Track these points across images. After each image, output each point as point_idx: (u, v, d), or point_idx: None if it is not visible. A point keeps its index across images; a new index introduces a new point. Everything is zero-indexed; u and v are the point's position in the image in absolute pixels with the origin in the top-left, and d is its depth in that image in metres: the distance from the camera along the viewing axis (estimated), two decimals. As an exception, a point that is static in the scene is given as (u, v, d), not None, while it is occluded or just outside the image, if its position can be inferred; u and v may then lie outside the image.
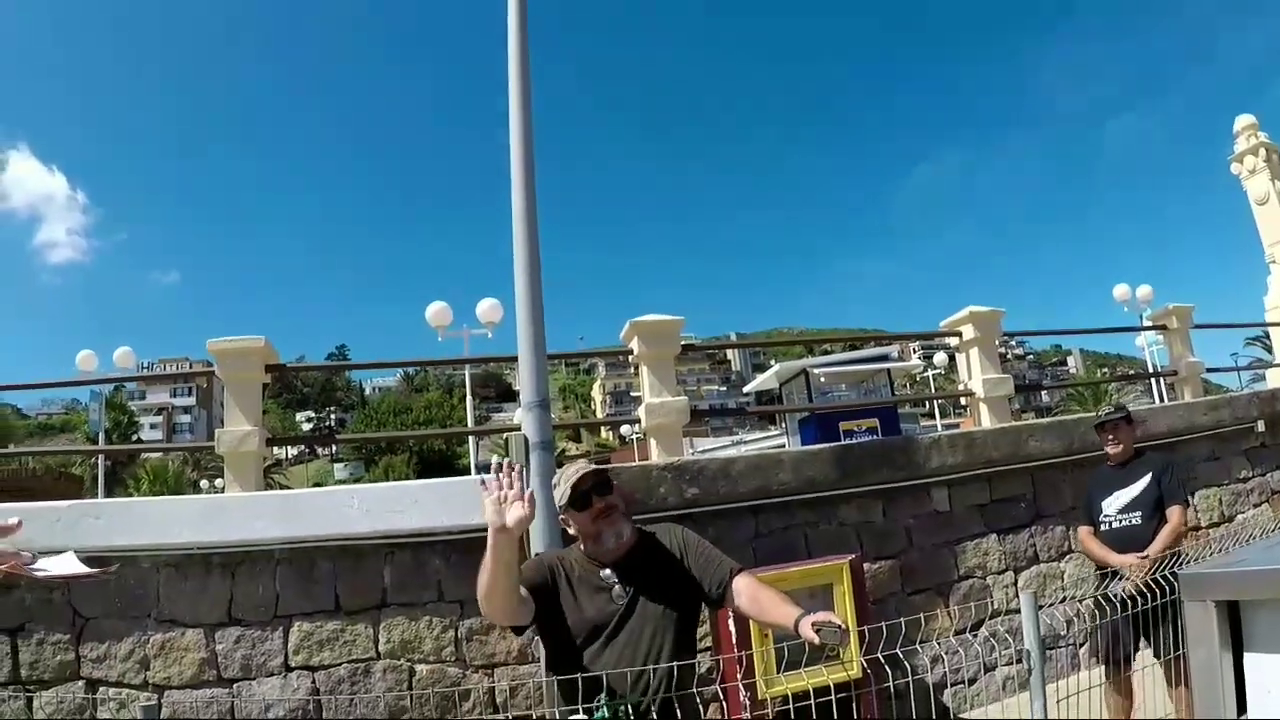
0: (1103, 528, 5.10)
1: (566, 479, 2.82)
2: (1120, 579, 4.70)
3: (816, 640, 2.36)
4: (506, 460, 2.68)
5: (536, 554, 2.95)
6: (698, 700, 2.64)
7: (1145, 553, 4.70)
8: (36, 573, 2.31)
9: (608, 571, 2.76)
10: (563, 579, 2.76)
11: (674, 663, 2.60)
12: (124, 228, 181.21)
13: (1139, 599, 3.72)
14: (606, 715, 2.50)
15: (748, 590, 2.75)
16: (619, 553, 2.79)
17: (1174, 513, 4.87)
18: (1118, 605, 4.03)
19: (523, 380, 4.89)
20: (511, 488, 2.50)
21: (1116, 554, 4.89)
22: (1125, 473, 5.14)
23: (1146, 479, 5.00)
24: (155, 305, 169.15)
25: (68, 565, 2.41)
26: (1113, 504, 5.07)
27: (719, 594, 2.78)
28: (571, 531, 2.90)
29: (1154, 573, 3.92)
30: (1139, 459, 5.20)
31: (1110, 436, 5.25)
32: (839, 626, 2.36)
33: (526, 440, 4.74)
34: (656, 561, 2.81)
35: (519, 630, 2.87)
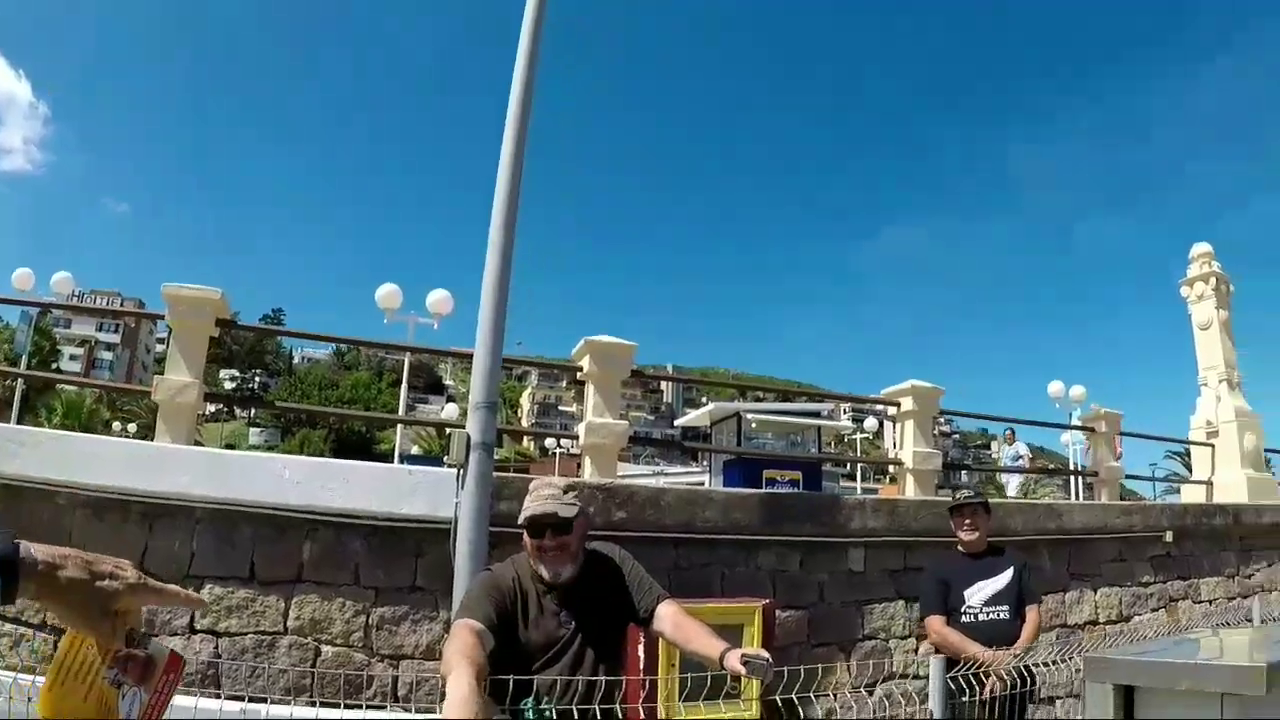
0: (965, 619, 4.71)
1: (530, 501, 2.80)
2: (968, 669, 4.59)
3: (743, 672, 2.44)
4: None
5: (487, 569, 2.92)
6: (619, 714, 2.73)
7: (1014, 649, 4.29)
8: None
9: (555, 594, 2.82)
10: (518, 604, 2.78)
11: (602, 677, 2.66)
12: (85, 149, 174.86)
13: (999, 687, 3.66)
14: (532, 717, 2.54)
15: (672, 617, 2.85)
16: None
17: (1035, 611, 4.73)
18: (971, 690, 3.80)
19: (475, 381, 4.95)
20: None
21: (982, 647, 4.35)
22: (984, 565, 4.85)
23: (1009, 573, 4.78)
24: (99, 233, 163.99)
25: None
26: (976, 595, 4.75)
27: (646, 617, 2.89)
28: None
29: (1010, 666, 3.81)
30: (995, 552, 4.94)
31: (967, 522, 4.90)
32: (767, 660, 2.45)
33: (468, 439, 4.80)
34: (597, 584, 2.89)
35: None
